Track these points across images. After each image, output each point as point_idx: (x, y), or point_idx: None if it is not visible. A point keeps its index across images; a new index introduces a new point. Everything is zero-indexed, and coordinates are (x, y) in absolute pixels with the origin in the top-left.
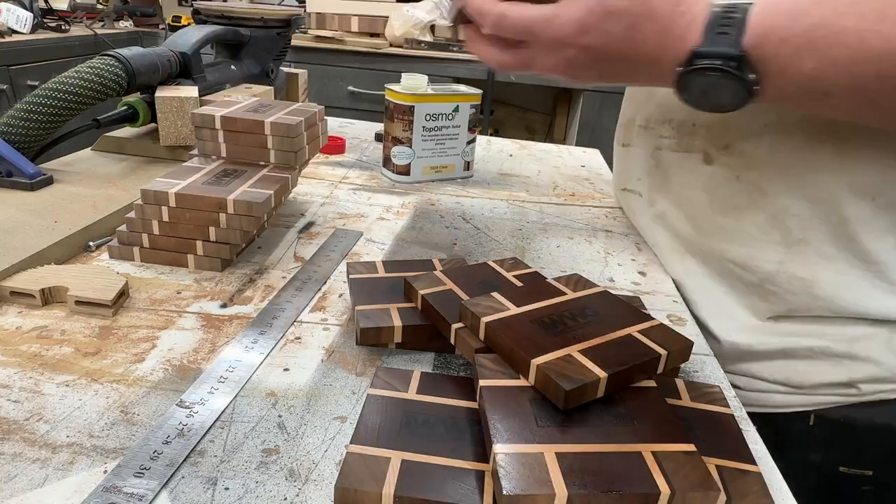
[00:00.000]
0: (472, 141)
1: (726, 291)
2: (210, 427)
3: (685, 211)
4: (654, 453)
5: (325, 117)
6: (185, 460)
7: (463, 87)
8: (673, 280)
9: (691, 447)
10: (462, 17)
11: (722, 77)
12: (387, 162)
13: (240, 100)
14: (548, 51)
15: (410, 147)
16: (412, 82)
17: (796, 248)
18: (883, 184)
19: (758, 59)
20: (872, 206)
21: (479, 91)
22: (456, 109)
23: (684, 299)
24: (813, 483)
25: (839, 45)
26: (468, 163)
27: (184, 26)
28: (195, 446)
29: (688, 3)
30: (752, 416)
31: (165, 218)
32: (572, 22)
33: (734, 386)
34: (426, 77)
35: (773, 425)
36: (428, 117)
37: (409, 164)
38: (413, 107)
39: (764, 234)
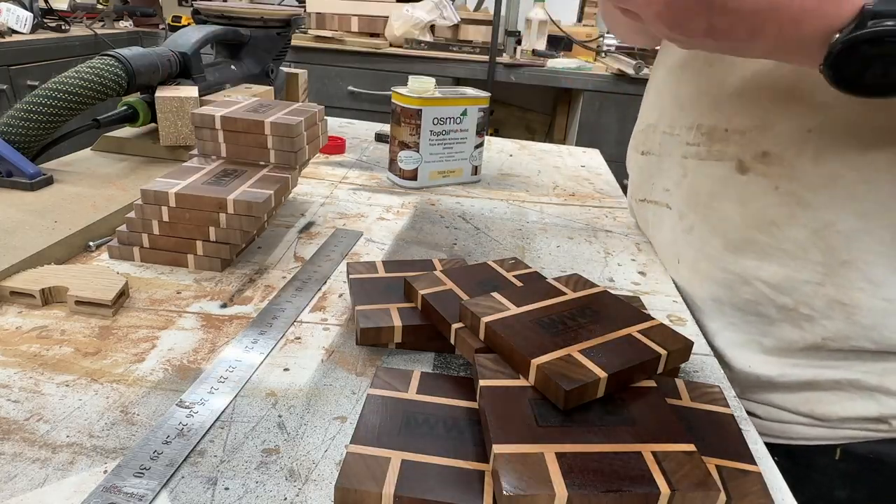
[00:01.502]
0: (480, 145)
1: (751, 320)
2: (210, 427)
3: (714, 225)
4: (654, 453)
5: (325, 117)
6: (185, 460)
7: (471, 90)
8: (691, 304)
9: (691, 447)
10: None
11: (893, 46)
12: (393, 166)
13: (240, 100)
14: None
15: (418, 151)
16: (419, 85)
17: (839, 270)
18: None
19: None
20: None
21: (488, 94)
22: (464, 113)
23: (702, 325)
24: None
25: None
26: (476, 167)
27: (184, 26)
28: (195, 446)
29: None
30: (772, 446)
31: (165, 218)
32: None
33: (751, 413)
34: (433, 80)
35: (795, 457)
36: (436, 121)
37: (416, 169)
38: (421, 110)
39: (803, 253)
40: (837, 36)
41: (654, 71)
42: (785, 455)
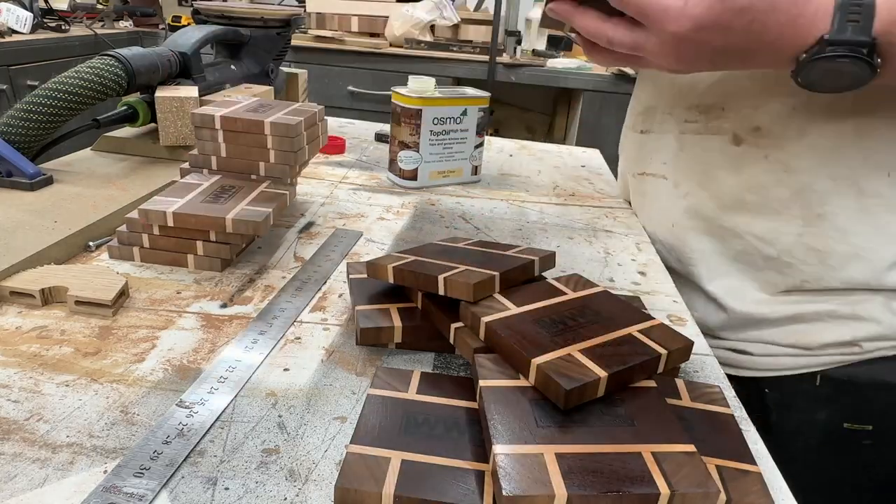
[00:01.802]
0: (480, 145)
1: (742, 268)
2: (210, 427)
3: (710, 190)
4: (653, 453)
5: (325, 117)
6: (185, 460)
7: (471, 90)
8: (684, 258)
9: (691, 447)
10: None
11: (850, 63)
12: (392, 166)
13: (240, 100)
14: (660, 42)
15: (417, 151)
16: (419, 85)
17: (815, 221)
18: None
19: (886, 43)
20: (889, 180)
21: (488, 94)
22: (464, 113)
23: (697, 276)
24: (819, 440)
25: None
26: (476, 167)
27: (184, 26)
28: (195, 446)
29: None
30: (763, 380)
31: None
32: (691, 18)
33: (745, 353)
34: (433, 80)
35: (783, 387)
36: (436, 121)
37: (416, 169)
38: (421, 110)
39: (786, 209)
40: (804, 55)
41: None
42: (774, 386)
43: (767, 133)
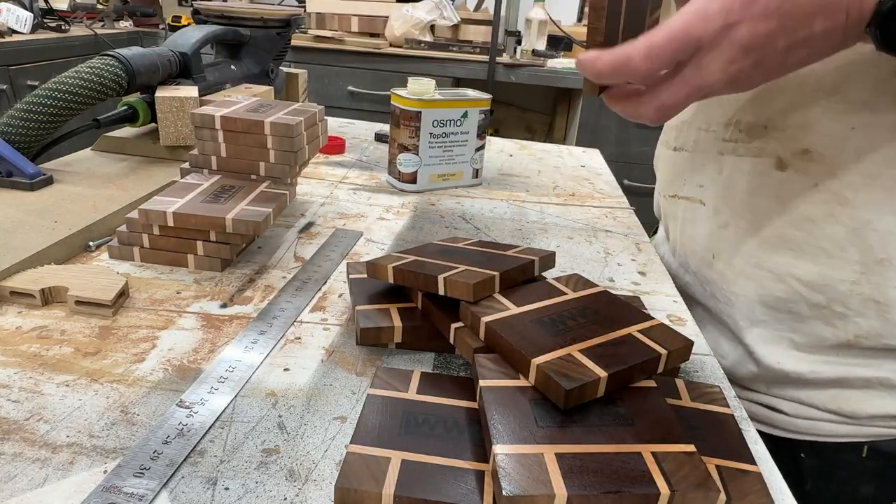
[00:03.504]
0: (481, 148)
1: (782, 318)
2: (210, 427)
3: (749, 221)
4: (654, 453)
5: (325, 117)
6: (185, 460)
7: (472, 92)
8: (721, 297)
9: (691, 447)
10: (600, 87)
11: None
12: (392, 168)
13: (240, 100)
14: (718, 51)
15: (417, 154)
16: (419, 87)
17: (875, 268)
18: None
19: None
20: None
21: (489, 96)
22: (465, 115)
23: (732, 319)
24: None
25: None
26: (477, 170)
27: (184, 26)
28: (195, 446)
29: None
30: (800, 443)
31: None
32: (721, 12)
33: (777, 410)
34: (433, 81)
35: (822, 455)
36: (435, 123)
37: (415, 172)
38: (420, 112)
39: (840, 251)
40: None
41: None
42: (811, 452)
43: (818, 157)
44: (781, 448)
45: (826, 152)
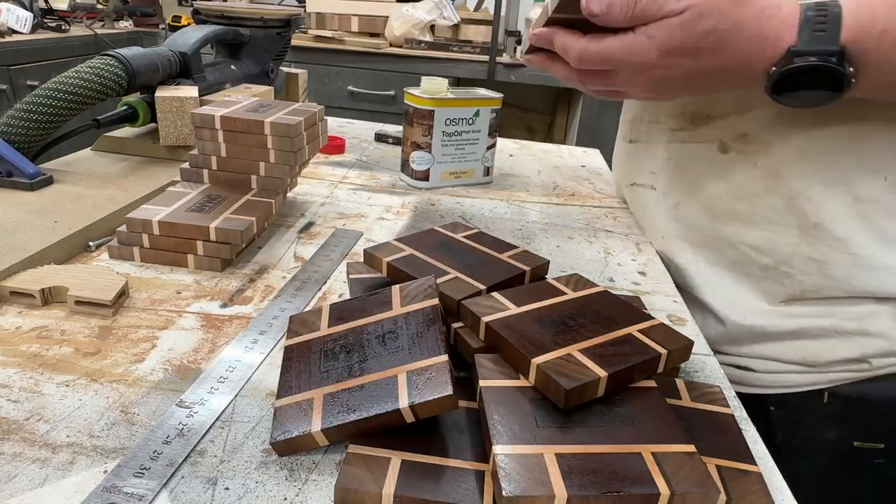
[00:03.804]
0: (492, 146)
1: (738, 278)
2: (210, 427)
3: (700, 200)
4: (653, 454)
5: (325, 117)
6: (185, 460)
7: (483, 91)
8: (680, 270)
9: (691, 447)
10: (536, 48)
11: (821, 73)
12: (405, 167)
13: (240, 99)
14: (633, 75)
15: (430, 152)
16: (432, 86)
17: (812, 231)
18: (895, 161)
19: (858, 52)
20: (885, 185)
21: (500, 95)
22: (476, 114)
23: (693, 287)
24: (828, 459)
25: None
26: (488, 168)
27: (184, 26)
28: (195, 446)
29: (773, 6)
30: (768, 397)
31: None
32: (654, 47)
33: (748, 369)
34: (446, 80)
35: (789, 405)
36: (448, 122)
37: (428, 170)
38: (433, 111)
39: (780, 218)
40: (773, 69)
41: None
42: (779, 404)
43: (754, 139)
44: (753, 404)
45: (761, 135)
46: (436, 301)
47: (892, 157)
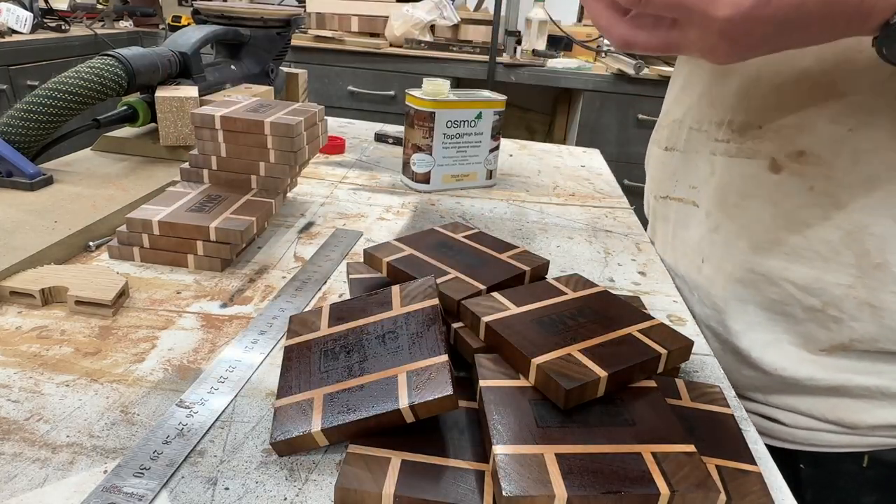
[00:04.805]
0: (496, 149)
1: (776, 319)
2: (210, 427)
3: (741, 224)
4: (654, 454)
5: (326, 117)
6: (185, 460)
7: (486, 93)
8: (710, 299)
9: (691, 447)
10: None
11: None
12: (406, 169)
13: (240, 99)
14: (703, 32)
15: (431, 154)
16: (433, 87)
17: (872, 272)
18: None
19: None
20: None
21: (503, 97)
22: (479, 116)
23: (725, 326)
24: None
25: None
26: (490, 171)
27: (184, 26)
28: (195, 446)
29: None
30: (799, 454)
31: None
32: None
33: (776, 421)
34: (448, 82)
35: (822, 465)
36: (449, 124)
37: (428, 172)
38: (434, 113)
39: (835, 255)
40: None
41: (678, 65)
42: (811, 462)
43: (814, 159)
44: (780, 458)
45: (822, 154)
46: (436, 301)
47: None
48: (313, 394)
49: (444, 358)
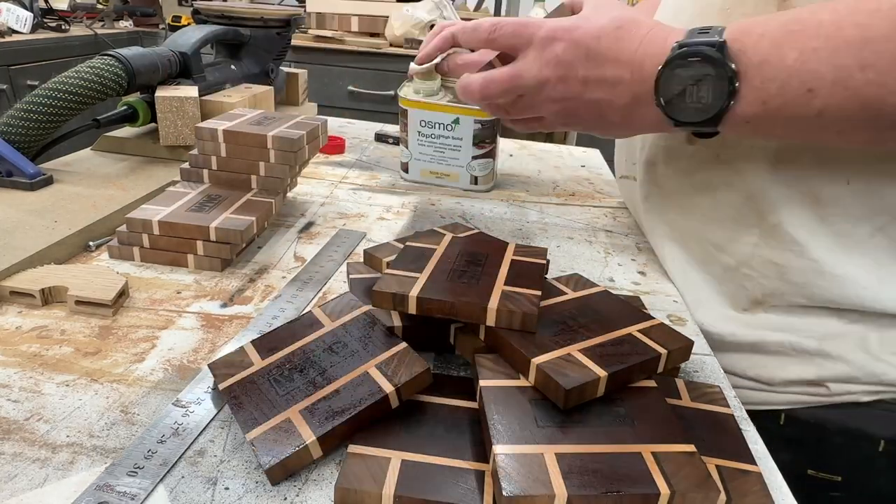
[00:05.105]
0: (484, 156)
1: (706, 278)
2: (206, 426)
3: (668, 191)
4: (654, 454)
5: (326, 117)
6: (181, 459)
7: None
8: (664, 263)
9: (691, 447)
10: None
11: (703, 65)
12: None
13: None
14: (533, 97)
15: (407, 148)
16: (421, 85)
17: (770, 231)
18: (858, 164)
19: (738, 49)
20: (848, 190)
21: None
22: (456, 121)
23: (675, 289)
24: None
25: (817, 36)
26: (476, 177)
27: (184, 26)
28: (191, 445)
29: (657, 28)
30: None
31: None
32: (538, 58)
33: None
34: (438, 81)
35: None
36: (423, 123)
37: (407, 163)
38: (407, 110)
39: (740, 216)
40: (660, 67)
41: None
42: None
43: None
44: None
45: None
46: (366, 308)
47: (854, 159)
48: (286, 414)
49: (404, 344)
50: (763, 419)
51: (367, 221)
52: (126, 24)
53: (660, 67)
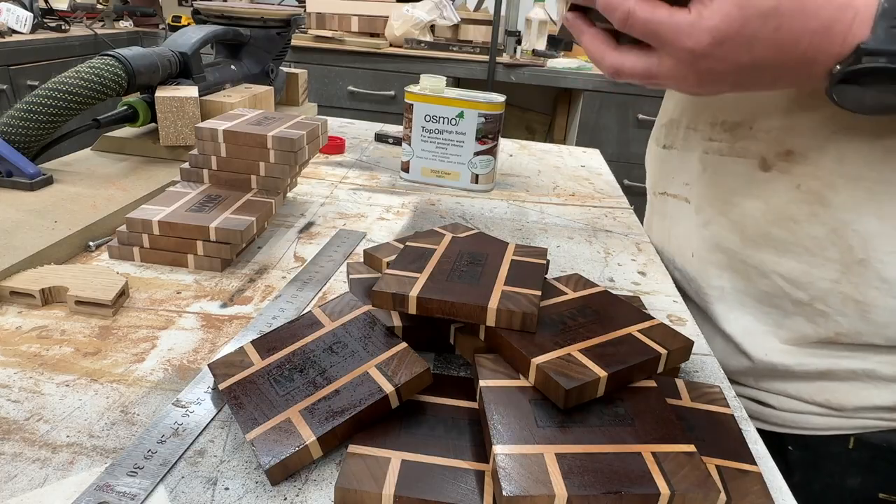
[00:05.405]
0: (485, 153)
1: (766, 311)
2: (206, 426)
3: (733, 220)
4: (653, 454)
5: (326, 117)
6: (182, 459)
7: (482, 95)
8: (702, 293)
9: (691, 447)
10: (575, 11)
11: (890, 77)
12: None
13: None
14: (676, 61)
15: (410, 145)
16: (428, 83)
17: (856, 268)
18: None
19: None
20: None
21: (497, 100)
22: (461, 115)
23: (713, 313)
24: None
25: None
26: (477, 176)
27: (184, 26)
28: (191, 445)
29: (837, 6)
30: (786, 436)
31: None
32: (709, 31)
33: (765, 404)
34: (444, 79)
35: (809, 447)
36: (427, 118)
37: (408, 162)
38: (412, 105)
39: (821, 250)
40: (838, 67)
41: None
42: (798, 444)
43: (801, 158)
44: (769, 441)
45: (808, 154)
46: (366, 308)
47: None
48: (286, 414)
49: (404, 344)
50: (831, 444)
51: (366, 221)
52: (126, 25)
53: (838, 68)
